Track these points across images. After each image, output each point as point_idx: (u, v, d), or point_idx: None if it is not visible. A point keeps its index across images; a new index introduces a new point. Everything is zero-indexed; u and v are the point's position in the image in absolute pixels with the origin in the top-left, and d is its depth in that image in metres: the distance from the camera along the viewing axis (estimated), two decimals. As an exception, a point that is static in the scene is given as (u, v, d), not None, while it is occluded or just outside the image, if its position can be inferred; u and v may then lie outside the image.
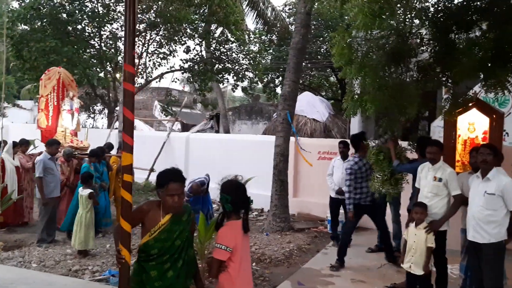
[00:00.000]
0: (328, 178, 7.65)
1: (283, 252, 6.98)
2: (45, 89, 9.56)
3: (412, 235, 4.95)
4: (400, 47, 5.71)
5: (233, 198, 3.12)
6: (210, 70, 14.79)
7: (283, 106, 8.54)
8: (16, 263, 6.07)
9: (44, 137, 9.48)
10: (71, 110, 9.77)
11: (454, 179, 4.98)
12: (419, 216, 4.90)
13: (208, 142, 12.13)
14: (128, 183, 2.61)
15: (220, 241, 3.06)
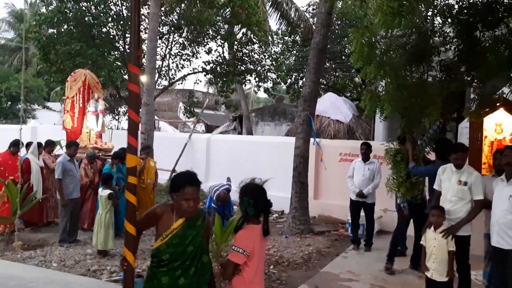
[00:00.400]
0: (349, 180, 7.51)
1: (301, 255, 6.88)
2: (71, 90, 9.69)
3: (431, 240, 4.78)
4: (422, 45, 5.54)
5: (256, 202, 3.08)
6: (232, 72, 14.78)
7: (303, 107, 8.43)
8: (37, 262, 6.17)
9: (69, 138, 9.45)
10: (96, 111, 9.89)
11: (479, 183, 4.80)
12: (436, 219, 4.72)
13: (229, 144, 12.12)
14: (132, 185, 2.58)
15: (237, 244, 3.01)
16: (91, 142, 9.62)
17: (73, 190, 7.49)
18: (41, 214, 8.39)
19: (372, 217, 7.43)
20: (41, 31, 12.75)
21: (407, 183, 5.71)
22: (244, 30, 15.27)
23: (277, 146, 10.97)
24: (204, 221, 3.01)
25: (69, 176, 7.42)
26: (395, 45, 5.66)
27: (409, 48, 5.60)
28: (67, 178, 7.39)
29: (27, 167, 8.07)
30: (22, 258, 6.37)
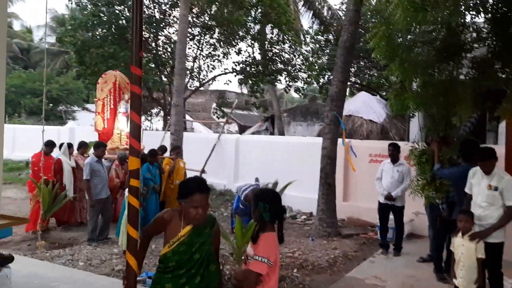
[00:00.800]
0: (377, 182, 7.29)
1: (327, 259, 6.72)
2: (102, 92, 9.84)
3: (459, 246, 4.54)
4: (451, 42, 5.28)
5: (271, 207, 3.00)
6: (262, 72, 14.72)
7: (330, 107, 8.26)
8: (64, 261, 6.30)
9: (101, 140, 9.62)
10: (126, 112, 9.96)
11: (511, 188, 4.51)
12: (464, 224, 4.49)
13: (258, 144, 12.05)
14: (135, 188, 2.55)
15: (261, 253, 2.88)
16: (122, 143, 9.73)
17: (101, 190, 7.62)
18: (72, 213, 8.59)
19: (402, 220, 7.17)
20: (77, 35, 13.09)
21: (432, 185, 5.46)
22: (273, 29, 15.16)
23: (305, 146, 10.80)
24: (213, 228, 2.92)
25: (97, 177, 7.56)
26: (422, 41, 5.41)
27: (438, 44, 5.34)
28: (95, 178, 7.53)
29: (59, 168, 8.28)
30: (51, 256, 6.52)
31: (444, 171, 5.36)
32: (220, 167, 12.34)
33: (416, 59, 5.26)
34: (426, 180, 5.56)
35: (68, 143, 8.91)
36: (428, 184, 5.49)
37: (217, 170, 12.28)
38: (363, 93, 16.83)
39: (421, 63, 5.27)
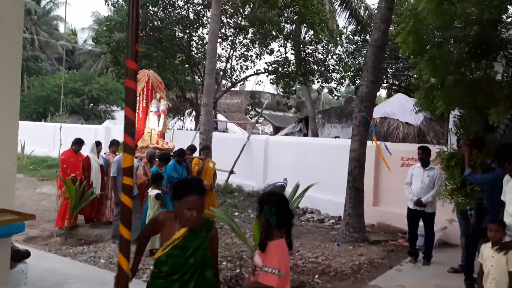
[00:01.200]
0: (406, 187, 6.96)
1: (351, 266, 6.48)
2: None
3: (488, 257, 4.21)
4: (484, 38, 4.95)
5: (278, 210, 2.79)
6: (294, 72, 14.53)
7: (359, 108, 7.98)
8: (87, 258, 6.37)
9: None
10: (157, 111, 9.97)
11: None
12: (494, 234, 4.15)
13: (288, 145, 11.88)
14: (128, 187, 2.46)
15: (271, 265, 2.69)
16: (152, 142, 9.73)
17: None
18: (100, 211, 8.68)
19: (432, 228, 6.82)
20: (112, 35, 13.34)
21: (462, 191, 5.12)
22: (308, 29, 14.92)
23: (336, 148, 10.54)
24: (210, 231, 2.78)
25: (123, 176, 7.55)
26: (453, 37, 5.10)
27: (470, 41, 5.01)
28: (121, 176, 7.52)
29: (87, 165, 8.41)
30: (74, 253, 6.62)
31: (476, 176, 5.01)
32: (249, 168, 12.24)
33: (446, 56, 4.95)
34: (456, 185, 5.22)
35: (97, 141, 9.02)
36: (457, 190, 5.15)
37: (246, 171, 12.19)
38: (399, 95, 16.32)
39: (452, 60, 4.95)
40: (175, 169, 8.04)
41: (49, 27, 40.54)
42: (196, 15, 14.96)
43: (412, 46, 4.96)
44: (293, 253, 7.05)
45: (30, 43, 36.20)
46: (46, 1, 41.27)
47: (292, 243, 2.91)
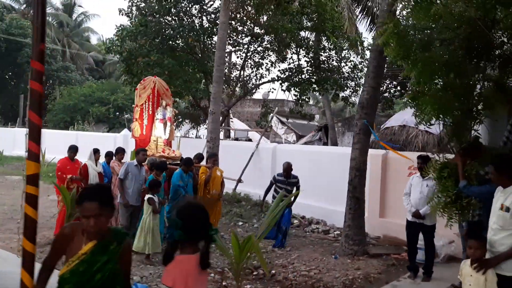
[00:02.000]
0: (405, 198, 6.60)
1: (343, 280, 6.15)
2: (140, 98, 9.63)
3: (467, 276, 3.85)
4: (477, 40, 4.60)
5: (186, 224, 2.47)
6: (307, 80, 14.26)
7: (360, 115, 7.65)
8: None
9: (138, 146, 9.42)
10: (163, 119, 9.73)
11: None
12: (474, 252, 3.78)
13: (295, 153, 11.56)
14: (33, 196, 2.30)
15: (165, 281, 2.48)
16: (158, 150, 9.49)
17: (132, 195, 7.38)
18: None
19: (432, 241, 6.40)
20: (124, 44, 13.47)
21: (457, 204, 4.74)
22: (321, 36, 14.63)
23: (343, 157, 10.14)
24: (121, 244, 2.53)
25: (130, 180, 7.39)
26: (440, 39, 4.77)
27: (460, 42, 4.67)
28: (128, 181, 7.38)
29: (85, 173, 8.40)
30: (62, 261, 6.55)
31: (473, 189, 4.60)
32: (257, 177, 12.00)
33: (434, 58, 4.62)
34: (451, 198, 4.84)
35: (95, 148, 8.94)
36: (452, 203, 4.77)
37: (254, 179, 11.96)
38: (419, 102, 15.77)
39: (440, 63, 4.62)
40: (181, 178, 7.78)
41: (80, 38, 41.72)
42: (210, 23, 14.94)
43: (395, 48, 4.66)
44: (287, 265, 6.79)
45: (61, 54, 37.39)
46: (78, 14, 42.56)
47: (207, 260, 2.52)
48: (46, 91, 34.81)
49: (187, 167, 7.92)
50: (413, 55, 4.62)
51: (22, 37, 31.00)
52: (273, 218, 5.49)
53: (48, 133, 22.16)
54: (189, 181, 7.97)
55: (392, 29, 4.57)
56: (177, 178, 7.75)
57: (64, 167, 8.32)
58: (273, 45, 15.20)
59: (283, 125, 29.33)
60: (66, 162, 8.41)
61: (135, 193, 7.43)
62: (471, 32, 4.63)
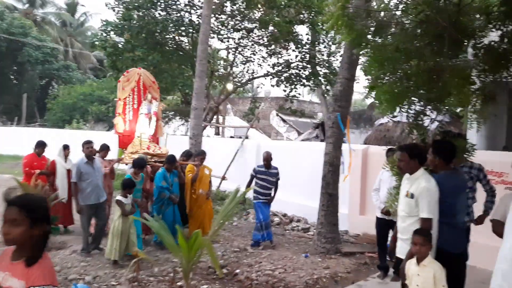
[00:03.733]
0: (374, 194, 6.29)
1: (307, 280, 5.86)
2: (123, 91, 8.95)
3: (414, 275, 3.55)
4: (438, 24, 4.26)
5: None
6: (296, 75, 13.92)
7: (333, 108, 7.33)
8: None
9: (122, 143, 8.96)
10: (149, 113, 9.05)
11: (425, 197, 3.70)
12: (419, 248, 3.49)
13: (278, 150, 11.25)
14: None
15: (42, 282, 2.15)
16: (143, 147, 8.59)
17: (91, 194, 6.90)
18: (68, 216, 8.37)
19: (402, 239, 6.07)
20: (108, 38, 13.25)
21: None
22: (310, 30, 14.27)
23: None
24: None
25: (85, 180, 6.86)
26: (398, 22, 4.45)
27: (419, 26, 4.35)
28: (83, 182, 6.89)
29: (52, 169, 8.19)
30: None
31: None
32: (242, 174, 11.71)
33: (386, 44, 4.30)
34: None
35: (64, 144, 8.68)
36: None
37: (239, 176, 11.66)
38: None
39: (394, 49, 4.30)
40: (164, 178, 7.27)
41: (83, 37, 41.74)
42: (199, 17, 14.67)
43: (347, 33, 4.35)
44: (253, 265, 6.51)
45: (64, 53, 37.42)
46: (80, 13, 42.60)
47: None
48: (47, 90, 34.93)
49: (170, 165, 7.43)
50: (365, 40, 4.32)
51: (23, 36, 31.05)
52: (226, 214, 5.21)
53: (40, 131, 22.16)
54: (174, 180, 7.49)
55: (340, 10, 4.26)
56: (159, 178, 7.24)
57: (31, 163, 8.13)
58: (263, 40, 14.88)
59: (285, 123, 29.00)
60: (33, 158, 8.22)
61: (94, 191, 6.92)
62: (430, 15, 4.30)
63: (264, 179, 7.79)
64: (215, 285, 5.58)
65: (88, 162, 7.02)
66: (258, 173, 7.87)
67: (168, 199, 7.25)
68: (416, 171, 3.85)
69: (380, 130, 15.87)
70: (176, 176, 7.58)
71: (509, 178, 6.45)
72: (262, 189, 7.75)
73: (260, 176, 7.83)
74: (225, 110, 24.72)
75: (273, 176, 7.89)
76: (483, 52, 4.92)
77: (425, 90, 4.47)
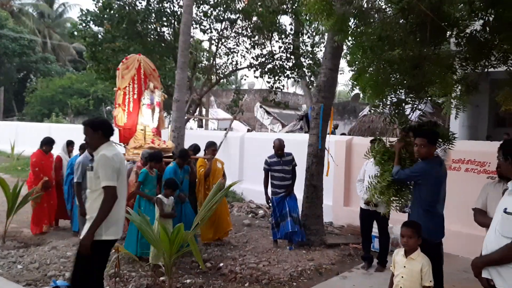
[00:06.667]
0: (358, 184, 6.28)
1: (291, 272, 5.81)
2: (123, 80, 8.04)
3: (400, 267, 3.52)
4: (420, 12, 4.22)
5: None
6: (280, 66, 13.82)
7: (317, 99, 7.28)
8: (3, 263, 5.91)
9: (122, 136, 8.18)
10: (151, 104, 8.34)
11: (103, 166, 3.77)
12: (407, 240, 3.47)
13: (263, 142, 11.20)
14: None
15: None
16: (147, 141, 8.03)
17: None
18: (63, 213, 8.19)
19: (386, 229, 6.11)
20: (87, 29, 12.94)
21: (390, 191, 4.40)
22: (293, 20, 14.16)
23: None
24: None
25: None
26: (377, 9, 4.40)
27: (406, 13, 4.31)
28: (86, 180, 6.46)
29: (59, 165, 8.04)
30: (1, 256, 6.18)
31: (405, 171, 4.31)
32: (226, 166, 11.63)
33: (368, 32, 4.25)
34: (389, 183, 4.48)
35: (68, 140, 8.41)
36: (386, 189, 4.42)
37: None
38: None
39: (377, 36, 4.25)
40: (175, 174, 6.60)
41: (62, 29, 40.85)
42: (181, 8, 14.43)
43: (326, 18, 4.29)
44: (237, 258, 6.44)
45: (42, 45, 36.61)
46: (59, 4, 41.68)
47: None
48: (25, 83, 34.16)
49: (183, 160, 6.80)
50: (346, 27, 4.26)
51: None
52: (209, 209, 5.10)
53: (21, 125, 21.68)
54: (184, 177, 6.90)
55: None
56: (170, 174, 6.56)
57: (39, 162, 7.84)
58: (246, 31, 14.73)
59: (269, 115, 28.91)
60: (40, 157, 7.91)
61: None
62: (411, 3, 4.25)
63: (279, 170, 7.05)
64: (199, 280, 5.50)
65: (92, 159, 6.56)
66: (271, 165, 7.12)
67: (177, 197, 6.45)
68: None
69: (364, 122, 15.96)
70: (187, 173, 6.97)
71: (491, 168, 6.49)
72: (279, 181, 7.04)
73: (274, 167, 7.09)
74: (208, 102, 24.48)
75: (288, 164, 7.10)
76: (465, 41, 4.91)
77: (407, 79, 4.43)
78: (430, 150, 4.19)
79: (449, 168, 6.47)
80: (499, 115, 13.55)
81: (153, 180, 6.55)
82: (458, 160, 7.08)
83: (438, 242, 4.27)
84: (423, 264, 3.44)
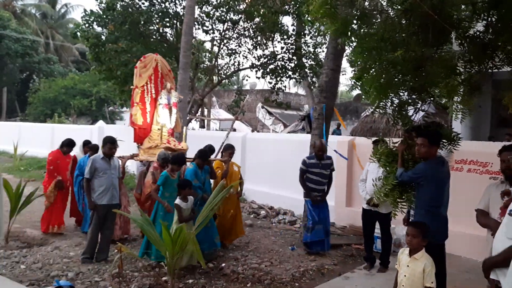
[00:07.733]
0: (361, 184, 6.27)
1: (293, 273, 5.82)
2: (141, 78, 7.78)
3: (403, 266, 3.53)
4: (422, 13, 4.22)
5: None
6: (282, 67, 13.82)
7: (319, 99, 7.29)
8: (6, 263, 5.94)
9: (137, 136, 7.87)
10: (168, 104, 8.11)
11: None
12: (411, 240, 3.47)
13: (263, 142, 11.27)
14: None
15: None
16: (163, 141, 7.84)
17: (104, 194, 6.21)
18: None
19: (388, 230, 6.10)
20: (90, 30, 12.98)
21: (395, 192, 4.40)
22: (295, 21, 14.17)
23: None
24: None
25: (99, 177, 6.20)
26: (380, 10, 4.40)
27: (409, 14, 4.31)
28: (97, 179, 6.19)
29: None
30: (4, 256, 6.20)
31: (407, 173, 4.31)
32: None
33: (370, 33, 4.26)
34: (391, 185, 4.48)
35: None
36: (391, 191, 4.42)
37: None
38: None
39: (379, 38, 4.25)
40: (195, 175, 6.41)
41: (64, 30, 40.94)
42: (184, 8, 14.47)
43: (330, 22, 4.30)
44: (239, 258, 6.44)
45: (45, 46, 36.68)
46: (61, 5, 41.78)
47: None
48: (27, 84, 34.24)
49: (203, 161, 6.63)
50: (349, 30, 4.26)
51: (2, 29, 30.33)
52: (210, 210, 5.11)
53: (24, 126, 21.74)
54: (206, 178, 6.75)
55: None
56: (190, 176, 6.34)
57: (54, 161, 7.88)
58: (248, 31, 14.74)
59: (271, 115, 28.93)
60: (58, 156, 7.94)
61: (108, 190, 6.23)
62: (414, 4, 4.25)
63: (317, 173, 6.73)
64: (201, 280, 5.51)
65: (104, 158, 6.32)
66: (310, 166, 6.77)
67: (201, 199, 6.28)
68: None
69: (366, 122, 15.95)
70: (208, 173, 6.83)
71: (494, 168, 6.49)
72: (315, 185, 6.76)
73: (312, 170, 6.74)
74: (210, 103, 24.52)
75: (326, 168, 6.81)
76: (468, 42, 4.90)
77: (410, 80, 4.43)
78: (430, 150, 4.18)
79: (452, 168, 6.46)
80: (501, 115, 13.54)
81: (174, 183, 6.24)
82: (461, 160, 7.07)
83: (441, 244, 4.26)
84: (425, 264, 3.45)
